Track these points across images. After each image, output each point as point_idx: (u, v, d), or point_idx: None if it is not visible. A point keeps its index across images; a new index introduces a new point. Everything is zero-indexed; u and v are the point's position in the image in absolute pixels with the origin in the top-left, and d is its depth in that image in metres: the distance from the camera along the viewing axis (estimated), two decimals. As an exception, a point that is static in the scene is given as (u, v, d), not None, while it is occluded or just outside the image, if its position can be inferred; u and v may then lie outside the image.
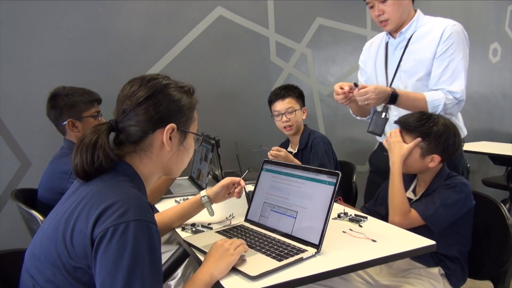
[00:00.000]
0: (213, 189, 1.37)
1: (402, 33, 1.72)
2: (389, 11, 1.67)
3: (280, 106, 2.04)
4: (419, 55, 1.67)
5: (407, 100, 1.61)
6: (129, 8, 2.25)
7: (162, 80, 0.96)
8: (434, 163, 1.43)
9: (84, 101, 1.62)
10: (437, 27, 1.65)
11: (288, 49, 2.77)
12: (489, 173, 3.77)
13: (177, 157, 0.98)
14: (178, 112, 0.95)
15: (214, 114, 2.49)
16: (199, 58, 2.47)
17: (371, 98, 1.55)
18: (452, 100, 1.61)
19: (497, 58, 3.88)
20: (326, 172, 1.18)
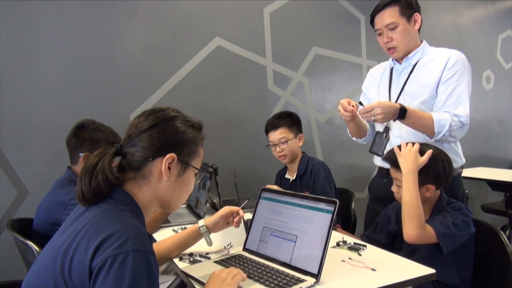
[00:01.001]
0: (211, 218, 1.37)
1: (408, 59, 1.77)
2: (397, 39, 1.72)
3: (273, 136, 2.06)
4: (423, 80, 1.71)
5: (415, 117, 1.61)
6: (129, 38, 2.31)
7: (171, 112, 0.98)
8: (430, 193, 1.43)
9: (107, 141, 1.63)
10: (442, 55, 1.70)
11: (285, 78, 2.82)
12: (488, 199, 3.76)
13: (174, 188, 0.97)
14: (181, 144, 0.96)
15: (212, 142, 2.50)
16: (198, 87, 2.51)
17: (378, 113, 1.54)
18: (457, 122, 1.63)
19: (490, 85, 3.95)
20: (324, 200, 1.18)
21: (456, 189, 1.72)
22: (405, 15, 1.70)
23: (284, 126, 2.05)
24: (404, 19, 1.70)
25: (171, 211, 1.08)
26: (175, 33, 2.43)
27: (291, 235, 1.22)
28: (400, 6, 1.70)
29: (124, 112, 2.27)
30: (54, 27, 2.12)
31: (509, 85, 4.09)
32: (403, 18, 1.70)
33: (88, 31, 2.20)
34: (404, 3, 1.70)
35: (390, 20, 1.70)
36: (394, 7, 1.70)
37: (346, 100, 1.65)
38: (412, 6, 1.72)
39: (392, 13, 1.70)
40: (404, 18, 1.70)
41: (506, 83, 4.07)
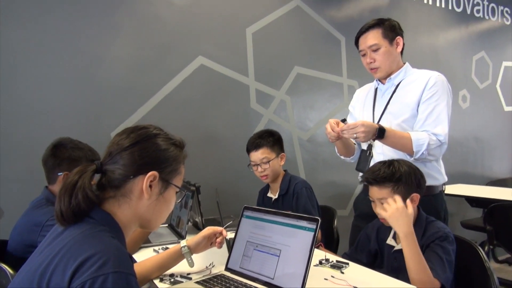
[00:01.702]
0: (193, 239, 1.35)
1: (391, 79, 1.84)
2: (379, 60, 1.78)
3: (255, 156, 2.05)
4: (405, 99, 1.77)
5: (394, 137, 1.66)
6: (112, 55, 2.30)
7: (153, 130, 0.98)
8: (415, 203, 1.45)
9: (87, 159, 1.59)
10: (423, 76, 1.78)
11: (267, 96, 2.85)
12: (467, 215, 3.83)
13: (155, 207, 0.96)
14: (163, 162, 0.95)
15: (194, 160, 2.50)
16: (180, 105, 2.51)
17: (360, 131, 1.59)
18: (436, 141, 1.68)
19: (466, 104, 4.08)
20: (306, 218, 1.19)
21: (439, 206, 1.76)
22: (388, 37, 1.77)
23: (266, 146, 2.04)
24: (386, 41, 1.77)
25: (151, 230, 1.07)
26: (158, 51, 2.44)
27: (275, 249, 1.21)
28: (383, 29, 1.76)
29: (105, 130, 2.25)
30: (35, 43, 2.10)
31: (484, 104, 4.23)
32: (386, 40, 1.77)
33: (71, 48, 2.19)
34: (387, 27, 1.77)
35: (373, 42, 1.76)
36: (378, 30, 1.76)
37: (334, 120, 1.69)
38: (395, 30, 1.80)
39: (375, 35, 1.77)
40: (387, 41, 1.77)
41: (481, 102, 4.21)
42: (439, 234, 1.41)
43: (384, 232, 1.57)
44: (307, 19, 3.02)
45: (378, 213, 1.47)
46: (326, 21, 3.10)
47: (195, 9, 2.56)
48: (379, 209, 1.47)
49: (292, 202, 2.00)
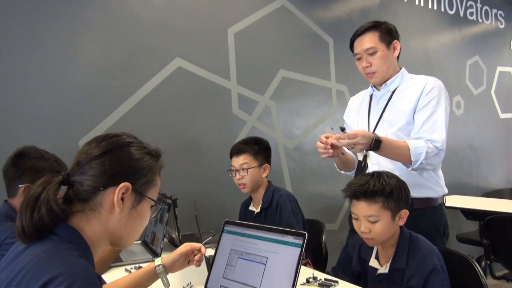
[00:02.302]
0: (169, 257, 1.33)
1: (387, 85, 1.86)
2: (376, 64, 1.81)
3: (235, 162, 2.06)
4: (401, 106, 1.80)
5: (390, 147, 1.67)
6: (80, 57, 2.28)
7: (126, 138, 0.97)
8: (403, 220, 1.45)
9: (52, 170, 1.55)
10: (419, 82, 1.80)
11: (251, 101, 2.86)
12: (463, 229, 3.89)
13: (127, 222, 0.94)
14: (136, 172, 0.94)
15: (171, 171, 2.46)
16: (156, 111, 2.49)
17: (360, 142, 1.59)
18: (433, 149, 1.70)
19: (460, 110, 4.18)
20: (292, 233, 1.19)
21: (438, 220, 1.77)
22: (385, 41, 1.80)
23: (249, 153, 2.05)
24: (383, 45, 1.80)
25: (124, 248, 1.05)
26: (132, 52, 2.43)
27: (261, 256, 1.21)
28: (380, 32, 1.80)
29: (73, 138, 2.21)
30: (-6, 44, 2.06)
31: (478, 111, 4.34)
32: (383, 44, 1.80)
33: (34, 48, 2.15)
34: (384, 30, 1.81)
35: (369, 45, 1.79)
36: (374, 33, 1.80)
37: (325, 135, 1.70)
38: (392, 33, 1.83)
39: (372, 38, 1.80)
40: (384, 44, 1.80)
41: (476, 109, 4.32)
42: (429, 268, 1.36)
43: (365, 252, 1.56)
44: (293, 19, 3.06)
45: (363, 232, 1.44)
46: (314, 22, 3.14)
47: (172, 6, 2.56)
48: (364, 228, 1.43)
49: (275, 217, 2.00)
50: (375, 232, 1.42)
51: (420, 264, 1.38)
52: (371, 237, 1.43)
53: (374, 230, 1.42)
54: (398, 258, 1.43)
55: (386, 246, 1.48)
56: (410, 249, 1.42)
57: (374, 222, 1.41)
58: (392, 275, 1.44)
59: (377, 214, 1.41)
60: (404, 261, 1.41)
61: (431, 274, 1.35)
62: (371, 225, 1.42)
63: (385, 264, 1.46)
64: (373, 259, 1.51)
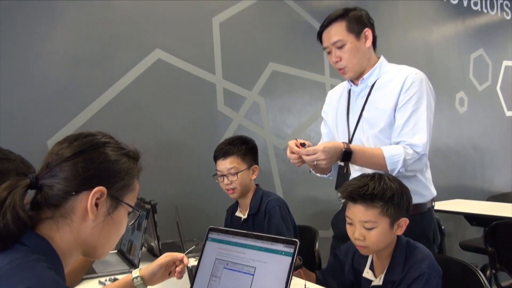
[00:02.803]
0: (148, 268, 1.33)
1: (364, 80, 1.85)
2: (345, 58, 1.79)
3: (222, 165, 2.04)
4: (381, 104, 1.78)
5: (363, 157, 1.68)
6: (49, 49, 2.25)
7: (102, 137, 0.96)
8: (402, 229, 1.44)
9: (18, 172, 1.53)
10: (399, 75, 1.77)
11: (238, 97, 2.86)
12: (467, 235, 3.95)
13: (101, 230, 0.94)
14: (112, 175, 0.94)
15: (150, 173, 2.45)
16: (133, 108, 2.48)
17: (321, 158, 1.61)
18: (413, 155, 1.68)
19: (464, 108, 4.24)
20: (282, 241, 1.19)
21: (426, 226, 1.78)
22: (354, 31, 1.77)
23: (236, 155, 2.04)
24: (352, 36, 1.77)
25: (98, 259, 1.04)
26: (107, 43, 2.41)
27: (248, 266, 1.21)
28: (348, 22, 1.76)
29: (41, 137, 2.18)
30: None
31: (483, 108, 4.40)
32: (351, 35, 1.77)
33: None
34: (353, 18, 1.77)
35: (336, 38, 1.77)
36: (341, 23, 1.76)
37: (295, 142, 1.69)
38: (362, 21, 1.79)
39: (338, 30, 1.77)
40: (352, 35, 1.77)
41: (480, 106, 4.38)
42: (414, 275, 1.36)
43: (359, 261, 1.55)
44: (285, 8, 3.07)
45: (357, 238, 1.43)
46: (306, 11, 3.16)
47: (151, -7, 2.56)
48: (358, 234, 1.42)
49: (263, 224, 2.01)
50: (370, 240, 1.41)
51: (407, 271, 1.39)
52: (365, 245, 1.42)
53: (369, 237, 1.41)
54: (393, 269, 1.43)
55: (381, 256, 1.48)
56: (407, 260, 1.42)
57: (370, 229, 1.41)
58: (385, 287, 1.44)
59: (374, 220, 1.40)
60: (400, 273, 1.40)
61: (415, 281, 1.35)
62: (367, 232, 1.41)
63: (380, 275, 1.46)
64: (367, 270, 1.51)
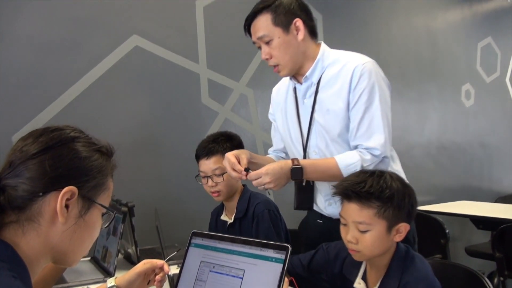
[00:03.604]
0: (125, 276, 1.32)
1: (308, 78, 1.78)
2: (276, 55, 1.72)
3: (206, 166, 2.03)
4: (331, 106, 1.73)
5: (316, 172, 1.67)
6: (14, 35, 2.24)
7: (70, 132, 0.96)
8: (401, 235, 1.41)
9: None
10: (346, 69, 1.71)
11: (224, 89, 2.86)
12: (473, 240, 4.00)
13: (73, 234, 0.93)
14: (83, 174, 0.94)
15: (127, 172, 2.46)
16: (108, 98, 2.47)
17: (266, 182, 1.60)
18: (371, 159, 1.66)
19: (470, 101, 4.28)
20: (273, 246, 1.20)
21: None
22: (281, 24, 1.69)
23: (221, 154, 2.03)
24: (279, 30, 1.69)
25: (69, 266, 1.04)
26: (79, 29, 2.40)
27: (237, 269, 1.22)
28: (274, 13, 1.68)
29: (5, 132, 2.17)
30: None
31: (491, 101, 4.45)
32: (278, 29, 1.69)
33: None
34: (279, 9, 1.69)
35: (261, 33, 1.70)
36: (266, 15, 1.69)
37: (233, 156, 1.65)
38: (291, 11, 1.71)
39: (264, 23, 1.69)
40: (279, 28, 1.69)
41: (488, 99, 4.43)
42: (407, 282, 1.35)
43: (350, 269, 1.53)
44: (275, -9, 3.07)
45: (349, 241, 1.41)
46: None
47: (128, -27, 2.54)
48: (351, 237, 1.40)
49: (251, 229, 2.01)
50: (363, 244, 1.39)
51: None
52: (358, 250, 1.40)
53: (362, 241, 1.39)
54: (388, 282, 1.41)
55: (376, 265, 1.46)
56: (403, 275, 1.40)
57: (364, 232, 1.39)
58: None
59: (368, 221, 1.38)
60: (396, 287, 1.38)
61: None
62: (360, 235, 1.39)
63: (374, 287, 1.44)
64: (359, 280, 1.48)
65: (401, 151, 3.57)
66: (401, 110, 3.78)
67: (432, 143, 4.00)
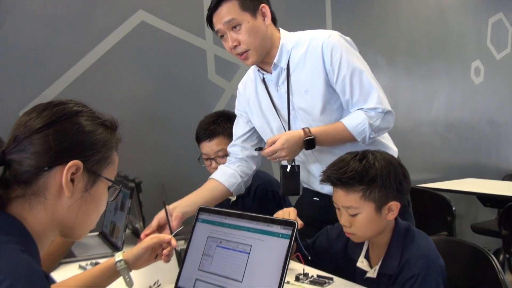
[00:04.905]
0: (132, 251, 1.33)
1: (277, 65, 1.79)
2: (245, 40, 1.71)
3: (208, 148, 2.03)
4: (309, 86, 1.76)
5: (327, 138, 1.70)
6: (20, 10, 2.22)
7: (74, 106, 0.96)
8: (394, 213, 1.42)
9: None
10: (312, 47, 1.74)
11: (230, 65, 2.84)
12: (479, 217, 4.01)
13: (80, 207, 0.94)
14: (88, 148, 0.94)
15: (133, 148, 2.47)
16: (113, 75, 2.46)
17: (282, 155, 1.63)
18: (376, 114, 1.70)
19: (480, 78, 4.23)
20: (279, 222, 1.20)
21: None
22: (249, 9, 1.70)
23: (223, 135, 2.02)
24: (247, 15, 1.70)
25: (76, 240, 1.05)
26: (84, 4, 2.38)
27: (244, 245, 1.23)
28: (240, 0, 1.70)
29: (12, 108, 2.17)
30: None
31: (501, 78, 4.40)
32: (246, 13, 1.70)
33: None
34: None
35: (229, 16, 1.69)
36: (233, 2, 1.69)
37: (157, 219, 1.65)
38: None
39: (231, 9, 1.69)
40: (248, 13, 1.70)
41: (498, 76, 4.37)
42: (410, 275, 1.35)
43: (353, 249, 1.55)
44: (282, -36, 3.02)
45: (343, 225, 1.45)
46: (307, -31, 3.11)
47: None
48: (344, 220, 1.43)
49: (253, 207, 2.01)
50: (356, 227, 1.41)
51: (402, 268, 1.38)
52: (352, 232, 1.43)
53: (354, 224, 1.41)
54: (388, 261, 1.42)
55: (376, 244, 1.48)
56: (404, 252, 1.41)
57: (354, 215, 1.41)
58: (379, 280, 1.43)
59: (356, 205, 1.39)
60: (396, 267, 1.39)
61: (407, 282, 1.34)
62: (352, 218, 1.41)
63: (375, 266, 1.46)
64: (362, 259, 1.50)
65: (408, 128, 3.59)
66: (409, 87, 3.76)
67: (440, 120, 3.98)
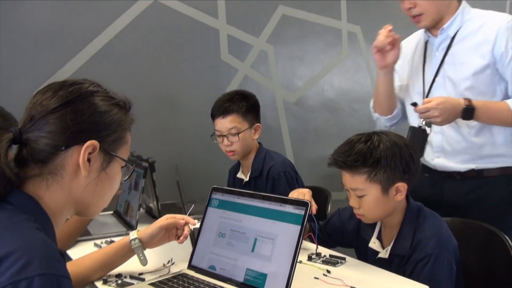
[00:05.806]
0: (147, 230, 1.35)
1: (444, 30, 1.79)
2: (422, 4, 1.73)
3: (221, 125, 2.03)
4: (466, 59, 1.74)
5: (487, 113, 1.66)
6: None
7: (89, 86, 0.96)
8: (402, 194, 1.41)
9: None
10: (488, 26, 1.72)
11: (243, 45, 2.82)
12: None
13: (96, 187, 0.95)
14: (103, 128, 0.94)
15: (147, 129, 2.48)
16: (126, 56, 2.46)
17: (434, 115, 1.60)
18: None
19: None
20: (292, 202, 1.21)
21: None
22: None
23: (237, 113, 2.02)
24: None
25: (91, 218, 1.06)
26: (95, -17, 2.37)
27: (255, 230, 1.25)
28: None
29: (26, 88, 2.18)
30: None
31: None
32: None
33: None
34: None
35: None
36: None
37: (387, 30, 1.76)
38: None
39: None
40: None
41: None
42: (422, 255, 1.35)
43: (365, 230, 1.56)
44: None
45: (352, 206, 1.46)
46: None
47: None
48: (353, 202, 1.45)
49: (266, 188, 2.01)
50: (364, 208, 1.42)
51: (414, 248, 1.38)
52: (362, 214, 1.44)
53: (363, 205, 1.42)
54: (400, 242, 1.43)
55: (388, 224, 1.49)
56: (416, 233, 1.41)
57: (361, 197, 1.42)
58: (391, 261, 1.44)
59: (362, 187, 1.40)
60: (408, 247, 1.39)
61: (420, 262, 1.35)
62: (360, 200, 1.43)
63: (387, 247, 1.47)
64: (374, 239, 1.51)
65: None
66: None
67: None
